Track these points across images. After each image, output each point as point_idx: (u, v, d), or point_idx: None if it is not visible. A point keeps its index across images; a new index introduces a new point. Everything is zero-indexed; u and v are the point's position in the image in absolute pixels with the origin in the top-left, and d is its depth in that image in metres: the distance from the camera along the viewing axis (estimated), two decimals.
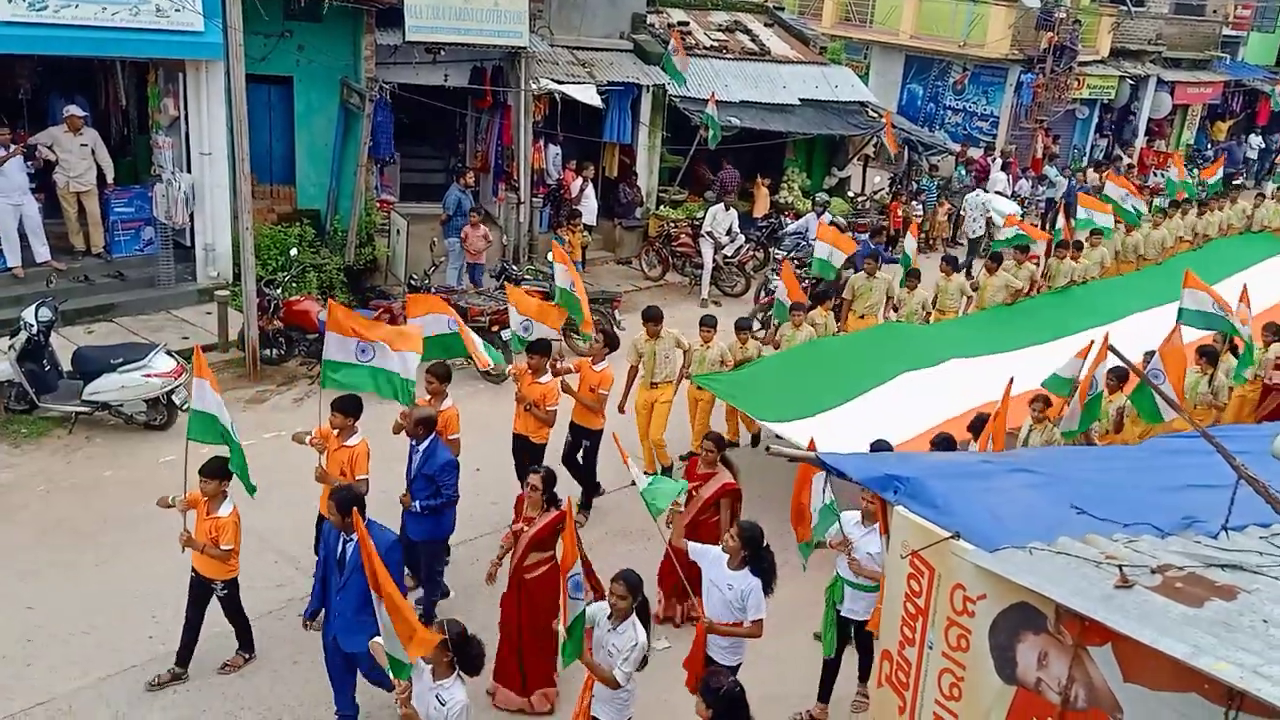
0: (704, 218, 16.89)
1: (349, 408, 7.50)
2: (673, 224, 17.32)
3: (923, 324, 12.88)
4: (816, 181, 20.61)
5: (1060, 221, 16.88)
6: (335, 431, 7.52)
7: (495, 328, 12.40)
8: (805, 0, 29.41)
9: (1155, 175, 25.11)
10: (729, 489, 7.90)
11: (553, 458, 9.08)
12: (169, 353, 10.68)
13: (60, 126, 12.54)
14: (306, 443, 7.64)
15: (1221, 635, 3.24)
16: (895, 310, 13.21)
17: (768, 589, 6.31)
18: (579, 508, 9.45)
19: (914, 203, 20.25)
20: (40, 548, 8.50)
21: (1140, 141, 28.92)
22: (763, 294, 15.34)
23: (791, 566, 7.07)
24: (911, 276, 13.05)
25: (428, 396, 8.41)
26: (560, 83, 16.00)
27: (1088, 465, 5.68)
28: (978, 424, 8.43)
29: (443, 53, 14.91)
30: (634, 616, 5.72)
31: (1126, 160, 26.51)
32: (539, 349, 9.05)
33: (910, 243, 14.48)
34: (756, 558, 6.25)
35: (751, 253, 17.03)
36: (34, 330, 10.05)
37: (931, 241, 20.54)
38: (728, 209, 16.74)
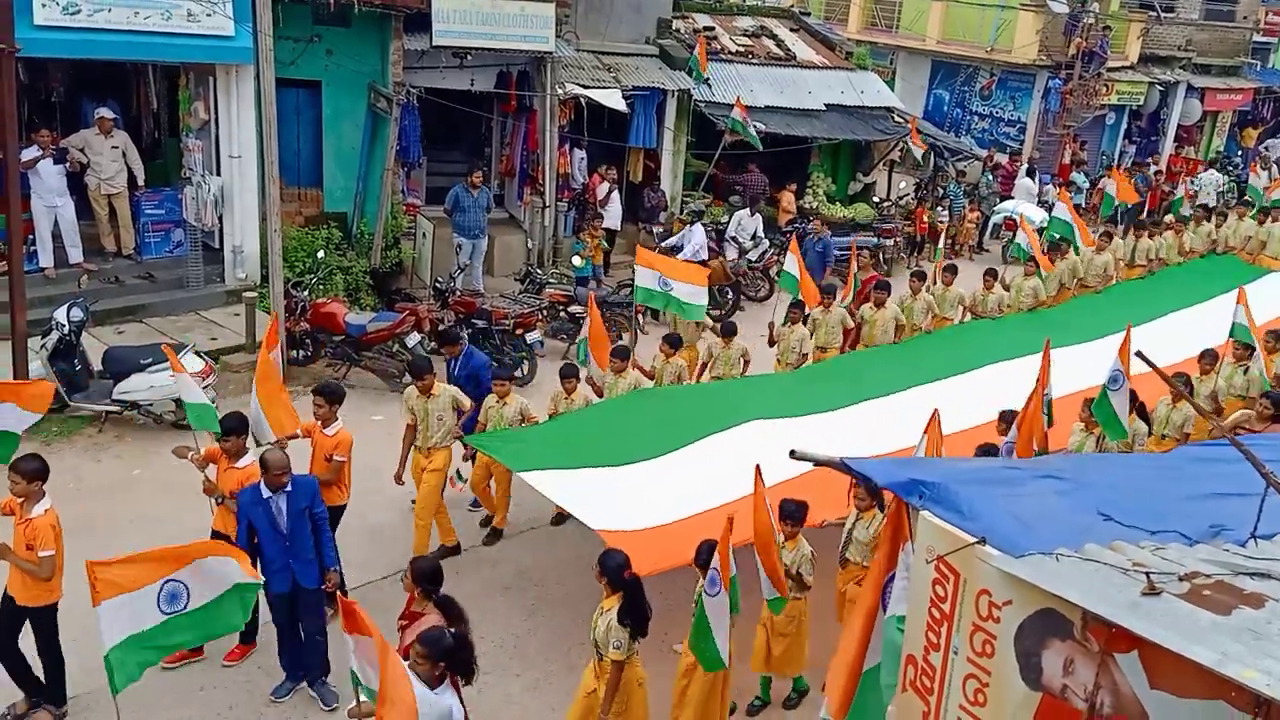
0: (728, 223, 16.88)
1: (236, 426, 7.23)
2: None
3: (795, 366, 11.40)
4: (842, 187, 20.58)
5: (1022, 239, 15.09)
6: (223, 452, 7.25)
7: (520, 331, 12.46)
8: (831, 5, 29.38)
9: (1185, 182, 24.92)
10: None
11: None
12: (198, 353, 10.82)
13: (92, 129, 12.71)
14: (189, 459, 7.28)
15: (1249, 643, 3.22)
16: (773, 345, 11.85)
17: None
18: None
19: (939, 209, 20.20)
20: (68, 546, 8.57)
21: (1169, 148, 28.68)
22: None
23: None
24: (795, 308, 11.68)
25: (315, 421, 7.80)
26: (586, 87, 16.08)
27: (1115, 472, 5.64)
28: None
29: (469, 57, 15.01)
30: None
31: (1155, 167, 26.27)
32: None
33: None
34: None
35: (775, 257, 16.98)
36: (65, 330, 10.20)
37: (958, 248, 20.46)
38: (753, 214, 16.72)
